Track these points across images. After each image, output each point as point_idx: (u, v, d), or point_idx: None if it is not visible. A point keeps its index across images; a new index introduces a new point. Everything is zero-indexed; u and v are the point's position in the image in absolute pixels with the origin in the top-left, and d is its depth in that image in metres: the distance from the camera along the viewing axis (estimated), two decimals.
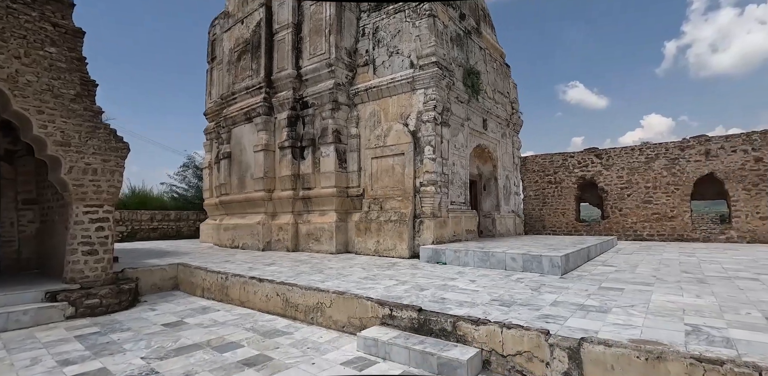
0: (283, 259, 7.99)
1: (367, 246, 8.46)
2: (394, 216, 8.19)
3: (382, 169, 8.75)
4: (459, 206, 9.01)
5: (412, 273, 5.95)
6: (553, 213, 14.07)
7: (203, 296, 6.55)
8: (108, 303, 5.60)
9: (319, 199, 9.29)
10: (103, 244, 5.94)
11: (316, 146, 9.65)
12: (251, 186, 10.54)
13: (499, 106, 11.77)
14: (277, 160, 10.17)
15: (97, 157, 5.94)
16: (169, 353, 3.85)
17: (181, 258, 8.29)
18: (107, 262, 5.98)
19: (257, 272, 6.15)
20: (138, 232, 14.73)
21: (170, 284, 7.19)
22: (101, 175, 5.97)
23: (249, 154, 10.76)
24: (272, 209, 10.14)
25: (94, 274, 5.80)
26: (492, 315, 3.53)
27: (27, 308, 4.97)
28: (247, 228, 10.29)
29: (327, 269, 6.43)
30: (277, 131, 10.35)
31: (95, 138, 5.95)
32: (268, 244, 9.87)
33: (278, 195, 9.95)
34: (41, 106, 5.52)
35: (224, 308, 5.72)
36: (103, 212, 6.00)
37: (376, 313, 4.09)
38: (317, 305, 4.70)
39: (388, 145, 8.69)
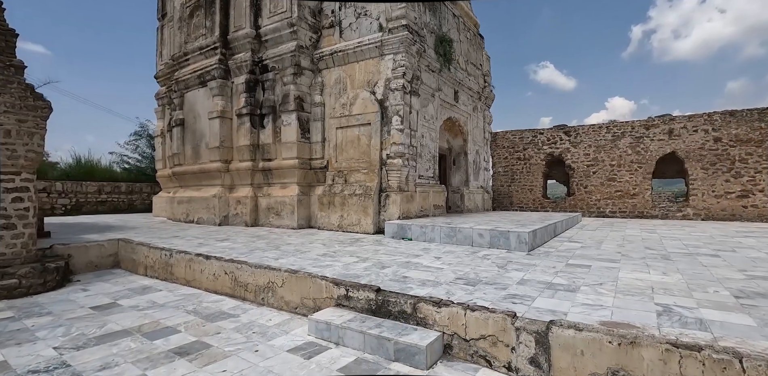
0: (240, 234, 7.46)
1: (331, 221, 8.04)
2: (359, 190, 7.76)
3: (347, 140, 8.21)
4: (427, 181, 8.68)
5: (375, 249, 5.61)
6: (521, 189, 14.10)
7: (146, 275, 5.97)
8: (29, 284, 4.95)
9: (280, 171, 8.69)
10: (23, 217, 5.19)
11: (277, 114, 8.93)
12: (206, 156, 9.75)
13: (471, 78, 11.32)
14: (235, 129, 9.39)
15: (9, 116, 5.07)
16: (89, 342, 3.34)
17: (126, 233, 7.58)
18: (28, 237, 5.25)
19: (206, 249, 5.62)
20: (84, 205, 13.60)
21: (109, 262, 6.53)
22: (16, 137, 5.13)
23: (204, 121, 9.88)
24: (230, 181, 9.46)
25: (11, 251, 5.08)
26: (456, 295, 3.23)
27: None
28: (203, 201, 9.59)
29: (285, 245, 5.98)
30: (235, 97, 9.49)
31: (6, 94, 5.05)
32: (226, 218, 9.25)
33: (236, 166, 9.25)
34: None
35: (167, 288, 5.20)
36: (21, 181, 5.20)
37: (331, 293, 3.72)
38: (268, 285, 4.28)
39: (354, 114, 8.12)
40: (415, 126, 8.11)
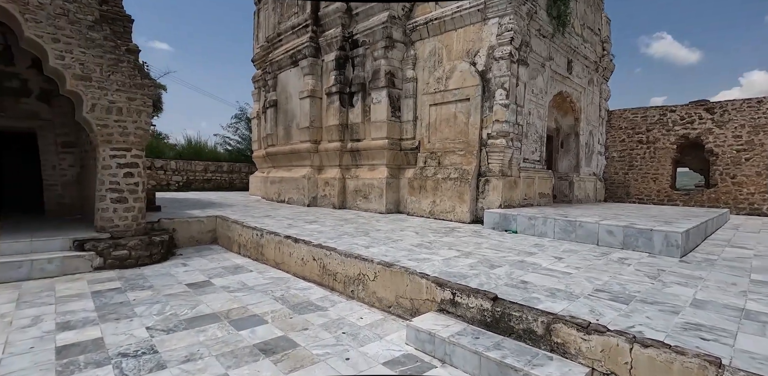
0: (328, 217, 7.23)
1: (421, 207, 7.42)
2: (454, 173, 6.98)
3: (441, 119, 7.42)
4: (533, 165, 7.55)
5: (477, 242, 4.85)
6: (641, 178, 11.97)
7: (239, 253, 6.00)
8: (138, 255, 5.18)
9: (369, 152, 8.25)
10: (133, 191, 5.43)
11: (367, 92, 8.45)
12: (297, 137, 9.74)
13: (587, 45, 9.59)
14: (324, 108, 9.16)
15: (121, 94, 5.26)
16: (179, 325, 3.19)
17: (224, 210, 7.84)
18: (138, 211, 5.51)
19: (295, 231, 5.39)
20: (193, 182, 14.90)
21: (208, 238, 6.75)
22: (127, 115, 5.32)
23: (295, 102, 9.84)
24: (318, 162, 9.33)
25: (123, 223, 5.36)
26: (606, 317, 2.38)
27: (53, 257, 4.62)
28: (293, 182, 9.64)
29: (374, 232, 5.52)
30: (325, 75, 9.23)
31: (118, 72, 5.23)
32: (314, 199, 9.19)
33: (325, 147, 9.06)
34: (56, 33, 4.81)
35: (258, 269, 5.08)
36: (131, 157, 5.42)
37: (433, 295, 3.10)
38: (358, 277, 3.82)
39: (450, 89, 7.26)
40: (521, 101, 7.00)
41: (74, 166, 6.86)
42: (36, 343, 2.83)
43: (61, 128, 6.69)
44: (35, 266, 4.49)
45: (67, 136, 6.76)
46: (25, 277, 4.43)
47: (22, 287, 4.17)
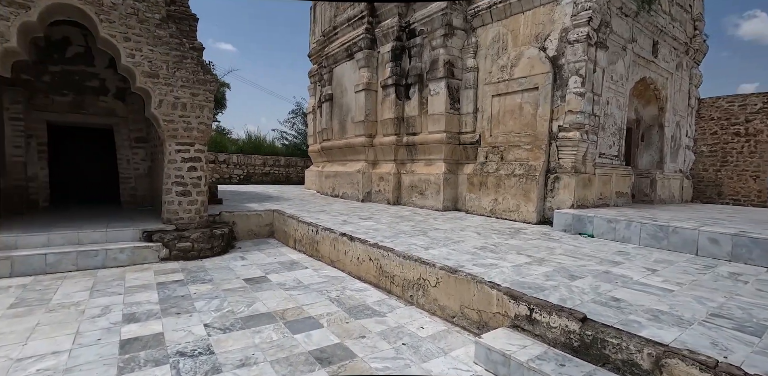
0: (383, 213, 7.02)
1: (481, 204, 6.97)
2: (519, 169, 6.44)
3: (505, 110, 6.87)
4: (610, 160, 6.78)
5: (549, 247, 4.37)
6: (737, 176, 10.48)
7: (295, 248, 5.98)
8: (200, 248, 5.30)
9: (426, 146, 7.91)
10: (196, 185, 5.57)
11: (424, 83, 8.09)
12: (352, 131, 9.63)
13: (676, 24, 8.43)
14: (379, 101, 8.93)
15: (185, 90, 5.38)
16: (236, 323, 3.12)
17: (281, 204, 7.93)
18: (200, 204, 5.65)
19: (350, 228, 5.23)
20: (252, 176, 15.47)
21: (266, 231, 6.83)
22: (190, 110, 5.44)
23: (350, 95, 9.72)
24: (373, 157, 9.16)
25: (187, 216, 5.52)
26: (736, 354, 1.89)
27: (124, 247, 4.85)
28: (347, 176, 9.57)
29: (432, 231, 5.21)
30: (380, 68, 8.99)
31: (183, 69, 5.34)
32: (368, 194, 9.04)
33: (380, 141, 8.85)
34: (127, 32, 4.99)
35: (313, 266, 4.99)
36: (195, 152, 5.55)
37: (506, 309, 2.74)
38: (418, 282, 3.54)
39: (516, 77, 6.69)
40: (598, 89, 6.26)
41: (145, 160, 7.26)
42: (103, 334, 2.88)
43: (134, 125, 7.09)
44: (109, 256, 4.73)
45: (139, 132, 7.16)
46: (100, 265, 4.68)
47: (97, 275, 4.39)
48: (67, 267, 4.51)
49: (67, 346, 2.69)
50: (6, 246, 4.46)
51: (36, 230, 4.87)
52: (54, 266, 4.44)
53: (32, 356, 2.53)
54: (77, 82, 6.72)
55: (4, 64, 4.47)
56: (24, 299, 3.60)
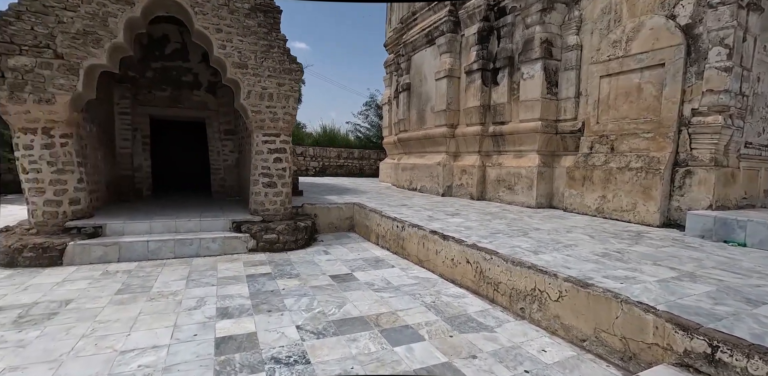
0: (468, 209, 6.49)
1: (584, 202, 6.11)
2: (635, 162, 5.48)
3: (618, 93, 5.90)
4: (758, 151, 5.51)
5: (692, 257, 3.54)
6: None
7: (377, 243, 5.70)
8: (285, 240, 5.24)
9: (516, 136, 7.17)
10: (281, 177, 5.52)
11: (515, 67, 7.31)
12: (431, 121, 9.14)
13: None
14: (463, 89, 8.32)
15: (272, 80, 5.30)
16: (328, 328, 2.86)
17: (359, 197, 7.75)
18: (285, 196, 5.59)
19: (439, 225, 4.80)
20: (327, 168, 15.71)
21: (346, 225, 6.66)
22: (277, 100, 5.36)
23: (429, 83, 9.22)
24: (455, 148, 8.60)
25: (273, 207, 5.49)
26: None
27: (215, 237, 4.92)
28: (426, 169, 9.13)
29: (533, 231, 4.58)
30: (464, 52, 8.35)
31: (270, 59, 5.27)
32: (449, 188, 8.53)
33: (462, 131, 8.26)
34: (219, 23, 5.01)
35: (399, 265, 4.66)
36: (280, 142, 5.49)
37: (669, 341, 2.12)
38: (532, 293, 3.00)
39: (633, 53, 5.67)
40: (748, 62, 5.06)
41: (234, 152, 7.48)
42: (199, 330, 2.78)
43: (224, 117, 7.32)
44: (203, 245, 4.83)
45: (228, 125, 7.38)
46: (194, 254, 4.80)
47: (192, 264, 4.48)
48: (165, 255, 4.67)
49: (166, 340, 2.61)
50: (115, 232, 4.73)
51: (140, 217, 5.14)
52: (155, 253, 4.62)
53: (134, 349, 2.48)
54: (174, 78, 7.08)
55: (112, 60, 4.69)
56: (129, 285, 3.72)
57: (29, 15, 4.09)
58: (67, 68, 4.28)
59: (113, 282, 3.79)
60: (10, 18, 4.02)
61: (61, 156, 4.47)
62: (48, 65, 4.21)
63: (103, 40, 4.39)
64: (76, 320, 2.91)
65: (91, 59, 4.37)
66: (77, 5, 4.26)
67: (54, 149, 4.41)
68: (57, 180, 4.46)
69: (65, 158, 4.50)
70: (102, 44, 4.39)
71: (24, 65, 4.11)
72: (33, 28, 4.12)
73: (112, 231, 4.72)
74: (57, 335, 2.66)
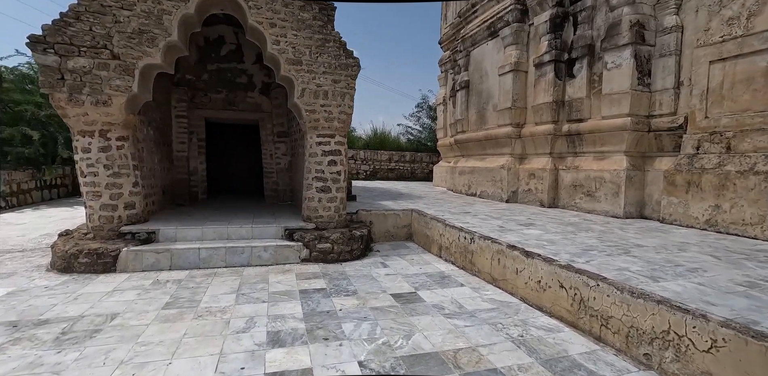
0: (542, 218, 5.71)
1: (690, 212, 5.11)
2: (763, 164, 4.44)
3: (736, 80, 4.87)
4: None
5: None
6: None
7: (440, 256, 5.11)
8: (339, 250, 4.81)
9: (597, 135, 6.27)
10: (335, 181, 5.11)
11: (595, 56, 6.42)
12: (493, 120, 8.40)
13: None
14: (531, 84, 7.52)
15: (327, 77, 4.93)
16: (396, 366, 2.33)
17: (415, 203, 7.21)
18: (340, 202, 5.18)
19: (514, 237, 4.13)
20: (378, 171, 15.34)
21: (403, 233, 6.14)
22: (332, 98, 4.98)
23: (491, 80, 8.49)
24: (520, 150, 7.80)
25: (327, 214, 5.09)
26: None
27: (267, 245, 4.59)
28: (487, 173, 8.39)
29: (634, 248, 3.77)
30: (532, 44, 7.55)
31: (325, 54, 4.89)
32: (514, 194, 7.73)
33: (530, 131, 7.45)
34: (273, 17, 4.71)
35: (469, 283, 4.04)
36: (335, 144, 5.09)
37: None
38: (665, 337, 2.27)
39: (758, 31, 4.63)
40: None
41: (286, 154, 7.25)
42: (247, 361, 2.37)
43: (277, 119, 7.11)
44: (254, 253, 4.52)
45: (282, 127, 7.16)
46: (245, 263, 4.50)
47: (243, 275, 4.17)
48: (216, 263, 4.41)
49: (210, 373, 2.22)
50: (167, 238, 4.55)
51: (193, 223, 4.95)
52: (206, 262, 4.38)
53: None
54: (229, 79, 6.99)
55: (168, 60, 4.54)
56: (177, 298, 3.44)
57: (88, 15, 4.01)
58: (123, 69, 4.16)
59: (162, 294, 3.53)
60: (70, 19, 3.96)
61: (117, 159, 4.36)
62: (105, 66, 4.11)
63: (157, 39, 4.23)
64: (118, 340, 2.62)
65: (146, 59, 4.23)
66: (133, 4, 4.13)
67: (110, 152, 4.31)
68: (113, 184, 4.35)
69: (121, 161, 4.38)
70: (157, 43, 4.23)
71: (82, 67, 4.03)
72: (91, 29, 4.03)
73: (164, 237, 4.55)
74: (96, 359, 2.36)
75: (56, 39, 3.92)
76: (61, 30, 3.93)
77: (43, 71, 3.93)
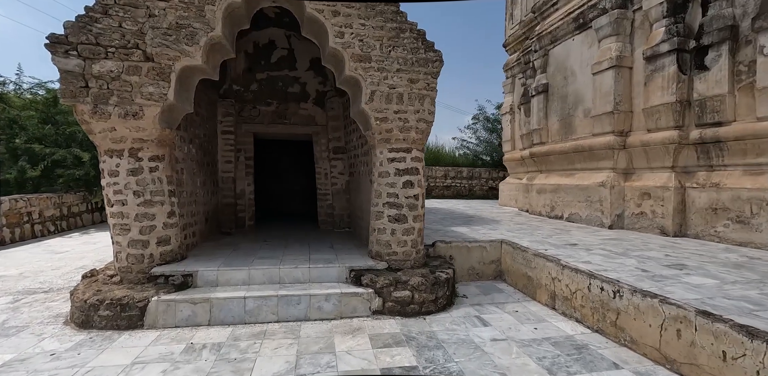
0: (684, 253, 4.23)
1: None
2: None
3: None
4: None
5: None
6: None
7: (553, 307, 3.79)
8: (421, 299, 3.64)
9: (749, 142, 4.74)
10: (413, 207, 4.00)
11: (740, 40, 4.95)
12: (585, 129, 7.01)
13: None
14: (638, 82, 6.11)
15: (402, 76, 3.90)
16: None
17: (496, 229, 5.94)
18: (417, 234, 4.06)
19: (680, 290, 2.77)
20: (433, 189, 14.15)
21: (491, 271, 4.87)
22: (408, 103, 3.93)
23: (581, 81, 7.15)
24: (625, 164, 6.33)
25: (402, 250, 3.98)
26: None
27: (329, 293, 3.53)
28: (579, 192, 6.95)
29: None
30: (638, 33, 6.18)
31: (399, 47, 3.88)
32: (619, 218, 6.23)
33: (640, 139, 5.99)
34: (336, 4, 3.79)
35: (625, 362, 2.70)
36: (412, 160, 4.01)
37: None
38: None
39: None
40: None
41: (344, 174, 6.28)
42: None
43: (333, 133, 6.20)
44: (312, 304, 3.47)
45: (338, 141, 6.23)
46: (302, 316, 3.45)
47: (300, 337, 3.10)
48: (266, 317, 3.40)
49: None
50: (207, 282, 3.63)
51: (238, 260, 4.02)
52: (253, 315, 3.38)
53: None
54: (280, 89, 6.21)
55: (211, 62, 3.72)
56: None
57: (117, 9, 3.27)
58: (157, 73, 3.37)
59: (194, 372, 2.53)
60: (96, 14, 3.24)
61: (150, 184, 3.53)
62: (136, 70, 3.33)
63: (198, 35, 3.42)
64: None
65: (184, 60, 3.41)
66: None
67: (141, 176, 3.49)
68: (144, 214, 3.51)
69: (154, 187, 3.55)
70: (197, 39, 3.42)
71: (110, 71, 3.28)
72: (121, 25, 3.29)
73: (204, 280, 3.62)
74: None
75: (80, 38, 3.20)
76: (86, 27, 3.21)
77: (64, 78, 3.21)
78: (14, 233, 6.95)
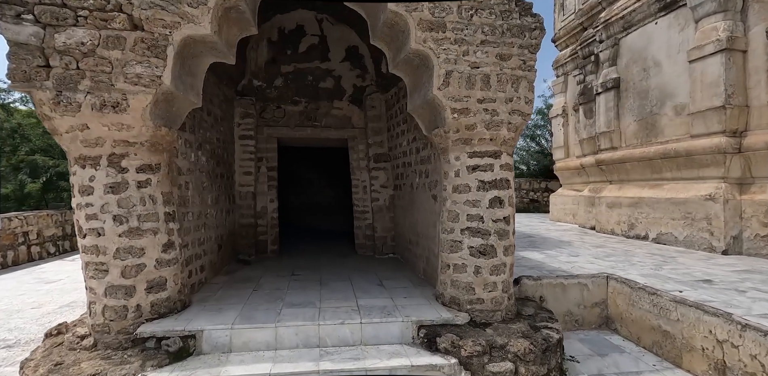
0: None
1: None
2: None
3: None
4: None
5: None
6: None
7: None
8: (528, 374, 2.43)
9: None
10: (503, 234, 2.83)
11: None
12: (677, 129, 5.73)
13: None
14: (758, 68, 4.84)
15: (488, 49, 2.77)
16: None
17: (577, 255, 4.70)
18: (509, 273, 2.87)
19: None
20: None
21: (595, 317, 3.61)
22: (497, 88, 2.79)
23: (668, 71, 5.91)
24: (740, 172, 5.01)
25: (491, 297, 2.79)
26: None
27: (395, 366, 2.36)
28: (672, 207, 5.62)
29: None
30: (755, 7, 4.94)
31: (485, 9, 2.77)
32: (736, 241, 4.89)
33: (764, 140, 4.69)
34: None
35: None
36: (501, 169, 2.86)
37: None
38: None
39: None
40: None
41: (387, 187, 5.14)
42: None
43: (374, 136, 5.09)
44: None
45: (380, 147, 5.11)
46: None
47: None
48: None
49: None
50: (215, 347, 2.51)
51: (260, 310, 2.90)
52: None
53: None
54: (310, 85, 5.16)
55: (224, 36, 2.69)
56: None
57: None
58: (147, 46, 2.34)
59: None
60: None
61: (137, 205, 2.48)
62: (118, 42, 2.31)
63: None
64: None
65: (185, 27, 2.39)
66: None
67: (125, 194, 2.45)
68: (128, 249, 2.45)
69: (143, 209, 2.50)
70: None
71: (80, 44, 2.27)
72: None
73: (211, 344, 2.51)
74: None
75: None
76: None
77: (14, 54, 2.23)
78: (6, 256, 6.07)
